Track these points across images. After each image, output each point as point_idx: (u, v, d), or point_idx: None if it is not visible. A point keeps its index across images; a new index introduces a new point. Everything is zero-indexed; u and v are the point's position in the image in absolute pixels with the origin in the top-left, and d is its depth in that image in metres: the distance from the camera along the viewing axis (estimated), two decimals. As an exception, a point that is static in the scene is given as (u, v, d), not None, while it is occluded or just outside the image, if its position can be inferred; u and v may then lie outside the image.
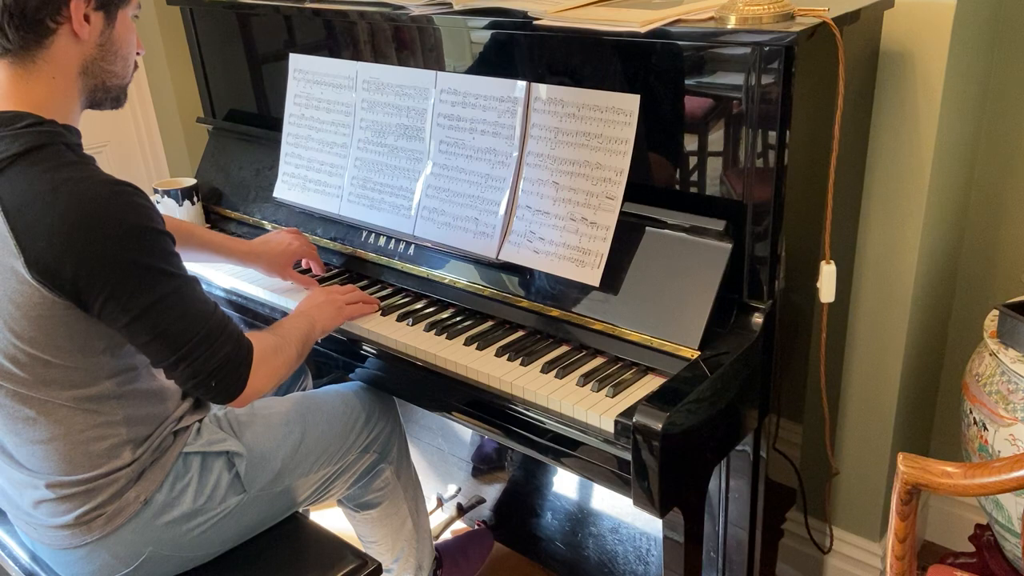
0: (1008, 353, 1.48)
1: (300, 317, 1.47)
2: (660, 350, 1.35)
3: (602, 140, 1.41)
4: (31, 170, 1.12)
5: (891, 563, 1.23)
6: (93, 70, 1.23)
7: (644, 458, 1.18)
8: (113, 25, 1.23)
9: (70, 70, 1.20)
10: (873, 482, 1.82)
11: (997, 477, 1.09)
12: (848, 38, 1.31)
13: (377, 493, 1.65)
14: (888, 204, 1.60)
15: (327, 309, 1.52)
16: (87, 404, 1.24)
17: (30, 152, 1.13)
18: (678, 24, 1.31)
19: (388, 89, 1.69)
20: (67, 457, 1.25)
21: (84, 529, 1.28)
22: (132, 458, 1.29)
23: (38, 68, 1.18)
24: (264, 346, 1.31)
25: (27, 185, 1.12)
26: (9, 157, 1.12)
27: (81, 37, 1.18)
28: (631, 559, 1.78)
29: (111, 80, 1.26)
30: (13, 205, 1.11)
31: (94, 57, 1.22)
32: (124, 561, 1.32)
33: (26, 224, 1.11)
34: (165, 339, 1.18)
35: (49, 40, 1.17)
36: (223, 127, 2.12)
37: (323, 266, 1.78)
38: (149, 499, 1.31)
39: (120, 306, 1.14)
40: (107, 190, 1.14)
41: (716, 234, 1.33)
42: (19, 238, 1.11)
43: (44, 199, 1.11)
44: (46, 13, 1.15)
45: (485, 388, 1.40)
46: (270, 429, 1.46)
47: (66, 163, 1.14)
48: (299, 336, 1.41)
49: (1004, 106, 1.69)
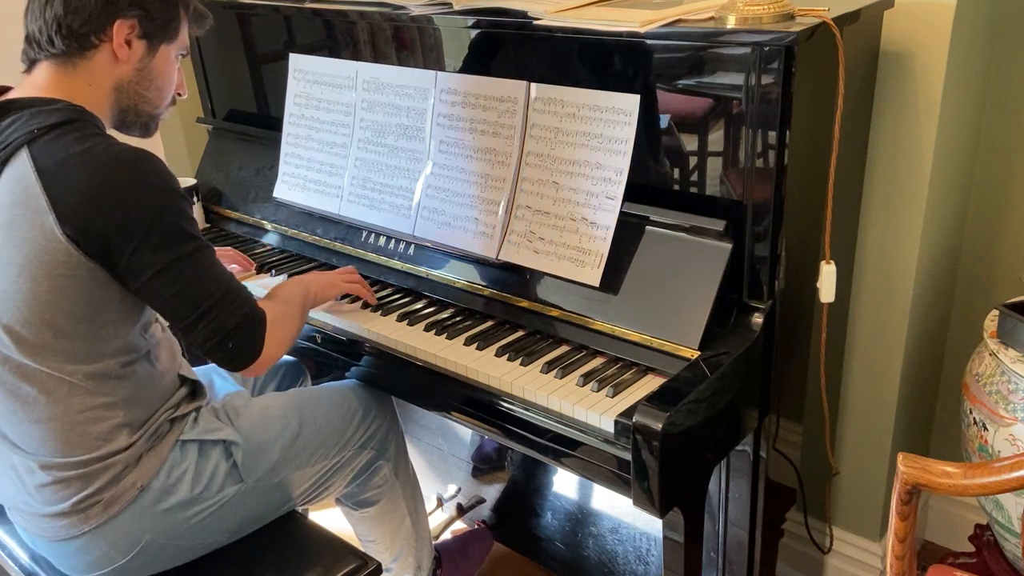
0: (1008, 353, 1.48)
1: (295, 283, 1.50)
2: (660, 350, 1.35)
3: (602, 140, 1.41)
4: (65, 137, 1.19)
5: (891, 563, 1.23)
6: (127, 91, 1.31)
7: (644, 458, 1.18)
8: (154, 56, 1.31)
9: (105, 83, 1.28)
10: (873, 482, 1.82)
11: (997, 477, 1.09)
12: (848, 38, 1.31)
13: (375, 491, 1.65)
14: (888, 204, 1.60)
15: (322, 279, 1.56)
16: (88, 382, 1.26)
17: (64, 124, 1.21)
18: (678, 24, 1.31)
19: (388, 89, 1.69)
20: (64, 438, 1.26)
21: (81, 518, 1.29)
22: (128, 442, 1.30)
23: (77, 72, 1.26)
24: (274, 313, 1.34)
25: (61, 149, 1.18)
26: (47, 127, 1.20)
27: (120, 58, 1.27)
28: (631, 559, 1.78)
29: (143, 105, 1.33)
30: (47, 166, 1.18)
31: (130, 79, 1.30)
32: (122, 551, 1.32)
33: (58, 182, 1.17)
34: (186, 296, 1.23)
35: (91, 53, 1.26)
36: (223, 127, 2.12)
37: (250, 262, 1.83)
38: (146, 486, 1.32)
39: (145, 260, 1.19)
40: (135, 154, 1.22)
41: (716, 234, 1.33)
42: (51, 196, 1.16)
43: (76, 159, 1.18)
44: (91, 29, 1.24)
45: (485, 388, 1.40)
46: (268, 420, 1.47)
47: (96, 134, 1.23)
48: (299, 302, 1.46)
49: (1004, 106, 1.69)
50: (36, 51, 1.26)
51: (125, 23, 1.25)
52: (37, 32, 1.25)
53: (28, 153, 1.18)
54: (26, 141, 1.19)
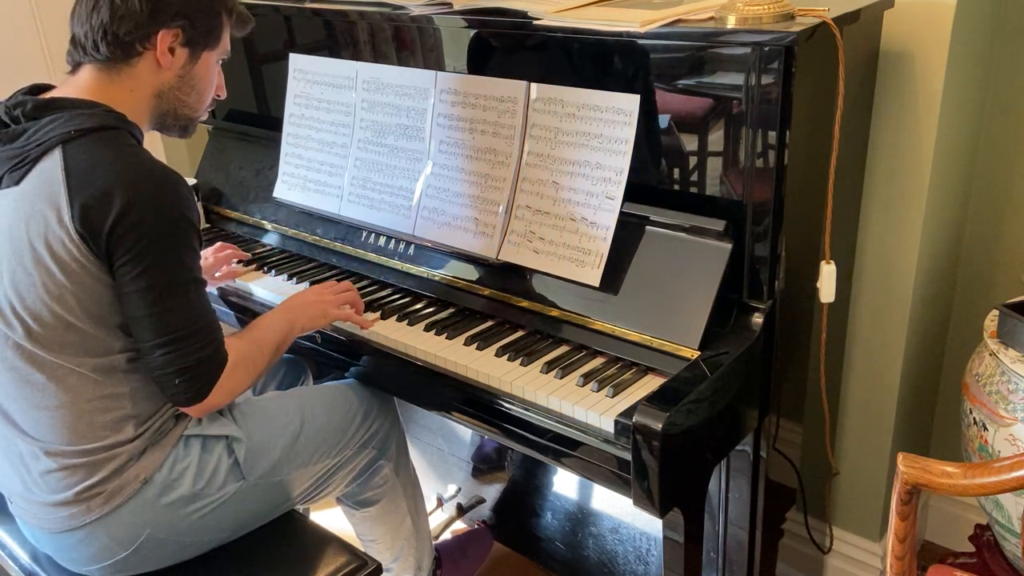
0: (1008, 353, 1.48)
1: (280, 317, 1.48)
2: (660, 350, 1.35)
3: (602, 140, 1.41)
4: (99, 143, 1.22)
5: (891, 563, 1.23)
6: (168, 96, 1.34)
7: (644, 458, 1.18)
8: (196, 62, 1.34)
9: (147, 89, 1.31)
10: (873, 482, 1.82)
11: (997, 477, 1.10)
12: (848, 38, 1.31)
13: (376, 490, 1.65)
14: (888, 204, 1.60)
15: (312, 309, 1.51)
16: (97, 374, 1.27)
17: (102, 129, 1.24)
18: (678, 24, 1.31)
19: (388, 89, 1.69)
20: (71, 426, 1.28)
21: (83, 508, 1.30)
22: (134, 434, 1.31)
23: (120, 79, 1.29)
24: (237, 358, 1.33)
25: (93, 153, 1.21)
26: (83, 129, 1.22)
27: (163, 65, 1.30)
28: (631, 559, 1.78)
29: (182, 109, 1.37)
30: (75, 167, 1.20)
31: (172, 85, 1.33)
32: (122, 544, 1.33)
33: (82, 183, 1.19)
34: (156, 320, 1.24)
35: (135, 60, 1.28)
36: (223, 127, 2.12)
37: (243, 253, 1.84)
38: (149, 479, 1.32)
39: (131, 274, 1.21)
40: (163, 173, 1.24)
41: (716, 234, 1.33)
42: (72, 193, 1.19)
43: (104, 164, 1.20)
44: (136, 37, 1.26)
45: (485, 388, 1.40)
46: (269, 419, 1.47)
47: (130, 144, 1.26)
48: (274, 341, 1.43)
49: (1004, 106, 1.69)
50: (81, 55, 1.28)
51: (169, 32, 1.27)
52: (83, 36, 1.27)
53: (61, 153, 1.21)
54: (61, 141, 1.21)
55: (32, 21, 2.15)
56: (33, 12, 2.15)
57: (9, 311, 1.24)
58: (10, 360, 1.27)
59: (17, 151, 1.23)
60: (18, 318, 1.24)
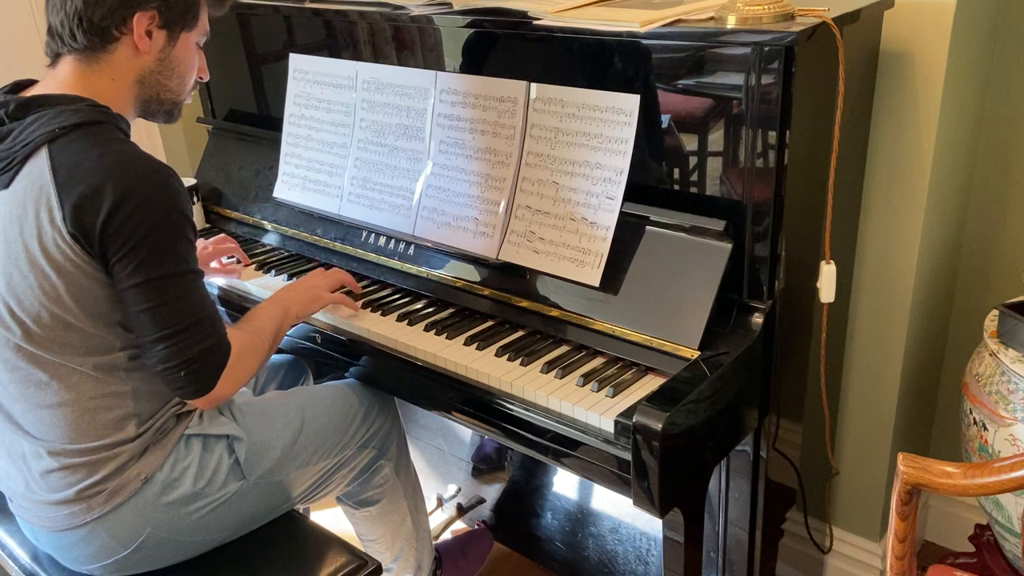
0: (1008, 353, 1.48)
1: (274, 305, 1.49)
2: (660, 350, 1.35)
3: (602, 140, 1.41)
4: (85, 139, 1.21)
5: (891, 563, 1.23)
6: (150, 81, 1.32)
7: (644, 458, 1.18)
8: (174, 45, 1.32)
9: (127, 76, 1.30)
10: (873, 482, 1.82)
11: (997, 477, 1.10)
12: (848, 38, 1.31)
13: (376, 490, 1.65)
14: (888, 204, 1.60)
15: (305, 295, 1.53)
16: (98, 372, 1.27)
17: (87, 125, 1.22)
18: (678, 24, 1.31)
19: (388, 89, 1.69)
20: (74, 424, 1.28)
21: (84, 507, 1.30)
22: (136, 433, 1.31)
23: (100, 68, 1.28)
24: (240, 348, 1.33)
25: (79, 150, 1.20)
26: (68, 126, 1.21)
27: (141, 50, 1.28)
28: (631, 559, 1.78)
29: (165, 94, 1.35)
30: (63, 165, 1.19)
31: (152, 70, 1.31)
32: (123, 542, 1.33)
33: (70, 182, 1.18)
34: (155, 314, 1.22)
35: (112, 46, 1.27)
36: (223, 127, 2.12)
37: (244, 256, 1.84)
38: (150, 477, 1.32)
39: (127, 270, 1.20)
40: (151, 165, 1.22)
41: (716, 234, 1.33)
42: (61, 193, 1.18)
43: (92, 160, 1.19)
44: (111, 23, 1.25)
45: (485, 388, 1.40)
46: (270, 419, 1.47)
47: (117, 139, 1.24)
48: (272, 329, 1.44)
49: (1004, 106, 1.69)
50: (59, 45, 1.27)
51: (145, 15, 1.26)
52: (59, 25, 1.25)
53: (47, 152, 1.20)
54: (47, 140, 1.20)
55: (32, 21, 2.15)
56: (33, 12, 2.15)
57: (7, 314, 1.24)
58: (11, 361, 1.27)
59: (4, 153, 1.23)
60: (17, 321, 1.24)
